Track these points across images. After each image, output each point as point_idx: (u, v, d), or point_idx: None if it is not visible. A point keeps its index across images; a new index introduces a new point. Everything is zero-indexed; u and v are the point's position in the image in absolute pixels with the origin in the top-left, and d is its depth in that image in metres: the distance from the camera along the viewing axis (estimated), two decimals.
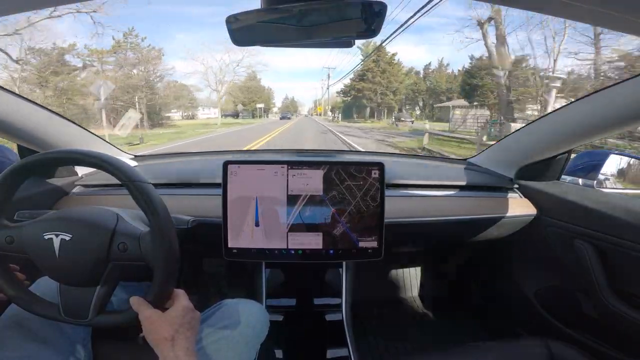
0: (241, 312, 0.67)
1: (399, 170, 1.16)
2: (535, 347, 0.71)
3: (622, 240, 0.76)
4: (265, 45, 0.58)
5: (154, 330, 0.48)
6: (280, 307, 0.92)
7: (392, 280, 1.49)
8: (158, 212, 0.49)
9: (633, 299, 0.78)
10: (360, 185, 0.81)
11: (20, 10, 0.49)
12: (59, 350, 0.59)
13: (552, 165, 0.98)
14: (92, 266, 0.51)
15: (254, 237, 0.81)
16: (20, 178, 0.53)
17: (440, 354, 0.76)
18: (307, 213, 0.81)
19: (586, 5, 0.39)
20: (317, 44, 0.57)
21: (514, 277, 1.15)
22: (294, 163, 0.81)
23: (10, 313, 0.61)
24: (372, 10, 0.46)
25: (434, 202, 0.98)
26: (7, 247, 0.51)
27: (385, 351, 1.19)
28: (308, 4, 0.46)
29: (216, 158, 1.31)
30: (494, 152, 1.16)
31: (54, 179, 0.93)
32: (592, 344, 0.88)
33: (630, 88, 0.66)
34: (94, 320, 0.52)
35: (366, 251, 0.83)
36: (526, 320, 1.11)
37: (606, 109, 0.73)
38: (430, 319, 1.36)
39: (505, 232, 1.04)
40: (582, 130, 0.81)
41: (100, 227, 0.51)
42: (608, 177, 1.12)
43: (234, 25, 0.50)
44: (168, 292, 0.52)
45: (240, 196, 0.80)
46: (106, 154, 0.52)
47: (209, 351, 0.58)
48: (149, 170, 1.09)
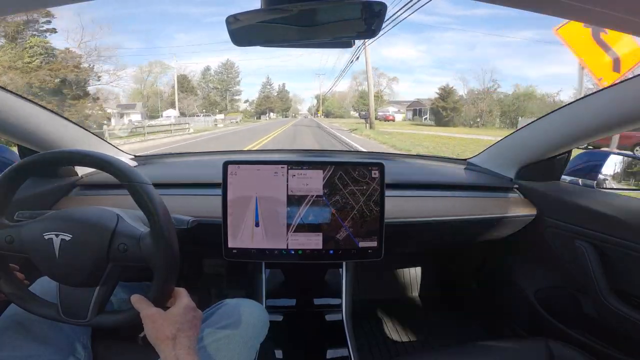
0: (241, 312, 0.67)
1: (399, 170, 1.16)
2: (535, 347, 0.71)
3: (622, 240, 0.76)
4: (265, 45, 0.58)
5: (155, 328, 0.48)
6: (280, 307, 0.92)
7: (392, 280, 1.49)
8: (158, 213, 0.49)
9: (633, 299, 0.78)
10: (364, 190, 0.81)
11: (20, 10, 0.49)
12: (58, 350, 0.59)
13: (552, 165, 0.98)
14: (92, 266, 0.51)
15: (253, 237, 0.81)
16: (20, 178, 0.53)
17: (440, 354, 0.76)
18: (307, 213, 0.81)
19: (586, 5, 0.39)
20: (317, 44, 0.57)
21: (514, 277, 1.14)
22: (294, 163, 0.81)
23: (10, 313, 0.61)
24: (372, 11, 0.46)
25: (434, 202, 0.98)
26: (7, 247, 0.51)
27: (385, 351, 1.19)
28: (308, 4, 0.46)
29: (216, 158, 1.31)
30: (494, 153, 1.16)
31: (54, 179, 0.93)
32: (592, 344, 0.88)
33: (630, 88, 0.67)
34: (94, 321, 0.52)
35: (366, 251, 0.83)
36: (526, 320, 1.11)
37: (606, 109, 0.73)
38: (430, 319, 1.36)
39: (505, 232, 1.04)
40: (582, 130, 0.82)
41: (100, 227, 0.51)
42: (608, 177, 1.12)
43: (233, 25, 0.50)
44: (169, 291, 0.52)
45: (240, 196, 0.80)
46: (106, 154, 0.52)
47: (209, 351, 0.58)
48: (149, 171, 1.09)
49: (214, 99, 45.60)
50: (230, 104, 46.99)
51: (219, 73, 48.10)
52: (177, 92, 36.86)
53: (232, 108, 45.55)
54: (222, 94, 46.88)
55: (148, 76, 37.76)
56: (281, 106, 56.70)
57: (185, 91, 39.42)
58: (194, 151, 1.78)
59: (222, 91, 47.05)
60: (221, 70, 48.29)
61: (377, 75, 47.34)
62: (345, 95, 56.24)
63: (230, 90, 47.69)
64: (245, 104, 53.09)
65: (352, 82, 53.34)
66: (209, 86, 46.71)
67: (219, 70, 48.31)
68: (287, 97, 59.32)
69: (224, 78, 47.67)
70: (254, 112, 52.91)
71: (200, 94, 44.57)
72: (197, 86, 44.46)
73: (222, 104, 45.66)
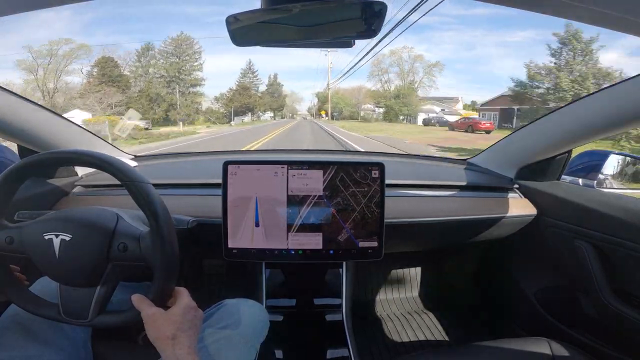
0: (242, 312, 0.67)
1: (399, 170, 1.16)
2: (535, 347, 0.71)
3: (622, 240, 0.76)
4: (265, 45, 0.59)
5: (156, 328, 0.48)
6: (281, 307, 0.92)
7: (392, 280, 1.49)
8: (158, 213, 0.49)
9: (633, 299, 0.78)
10: (365, 191, 0.81)
11: (20, 10, 0.49)
12: (59, 350, 0.59)
13: (552, 165, 0.98)
14: (92, 266, 0.51)
15: (254, 237, 0.81)
16: (20, 178, 0.53)
17: (441, 354, 0.76)
18: (307, 213, 0.81)
19: (586, 5, 0.39)
20: (317, 44, 0.58)
21: (514, 277, 1.15)
22: (294, 163, 0.81)
23: (10, 313, 0.61)
24: (372, 10, 0.46)
25: (434, 202, 0.98)
26: (7, 248, 0.51)
27: (385, 351, 1.19)
28: (308, 4, 0.46)
29: (216, 158, 1.31)
30: (494, 153, 1.16)
31: (54, 179, 0.93)
32: (592, 344, 0.88)
33: (630, 88, 0.66)
34: (94, 321, 0.52)
35: (366, 251, 0.83)
36: (526, 320, 1.11)
37: (606, 109, 0.73)
38: (430, 319, 1.36)
39: (505, 232, 1.04)
40: (582, 130, 0.82)
41: (100, 227, 0.51)
42: (608, 177, 1.12)
43: (233, 25, 0.50)
44: (169, 290, 0.52)
45: (240, 196, 0.80)
46: (106, 154, 0.52)
47: (210, 350, 0.58)
48: (149, 171, 1.09)
49: (154, 92, 27.95)
50: (185, 99, 29.57)
51: (166, 53, 29.91)
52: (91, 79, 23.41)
53: (187, 105, 29.25)
54: (168, 84, 29.43)
55: (49, 62, 21.60)
56: (271, 104, 39.98)
57: (111, 81, 24.77)
58: (194, 151, 1.78)
59: (169, 80, 29.46)
60: (170, 49, 29.95)
61: (409, 58, 32.90)
62: (356, 91, 38.73)
63: (182, 79, 29.84)
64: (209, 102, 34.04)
65: (373, 70, 35.24)
66: (150, 73, 29.21)
67: (167, 49, 29.95)
68: (280, 92, 42.13)
69: (174, 61, 29.96)
70: (225, 111, 34.92)
71: (137, 86, 28.01)
72: (132, 74, 28.23)
73: (167, 99, 28.46)
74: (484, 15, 58.02)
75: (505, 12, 56.52)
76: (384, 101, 33.06)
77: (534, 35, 51.56)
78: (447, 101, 31.25)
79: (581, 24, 0.44)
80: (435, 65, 33.68)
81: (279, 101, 41.95)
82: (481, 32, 56.83)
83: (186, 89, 30.38)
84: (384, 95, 33.81)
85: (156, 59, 29.87)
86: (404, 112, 30.41)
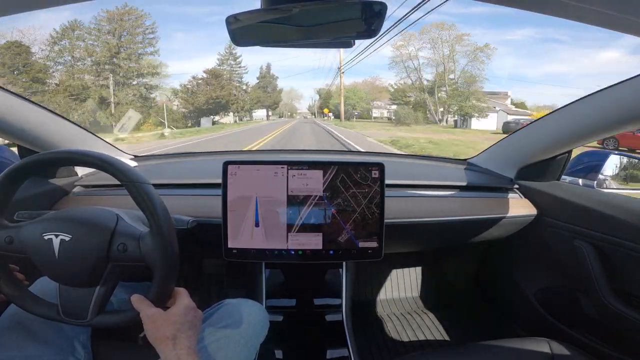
0: (242, 312, 0.67)
1: (399, 170, 1.16)
2: (535, 347, 0.71)
3: (622, 240, 0.76)
4: (265, 45, 0.59)
5: (156, 329, 0.48)
6: (280, 307, 0.92)
7: (392, 280, 1.49)
8: (158, 213, 0.49)
9: (633, 299, 0.78)
10: (365, 192, 0.81)
11: (20, 11, 0.49)
12: (58, 350, 0.59)
13: (552, 165, 0.98)
14: (92, 266, 0.51)
15: (253, 237, 0.81)
16: (20, 178, 0.53)
17: (440, 354, 0.76)
18: (307, 213, 0.81)
19: (586, 5, 0.39)
20: (317, 44, 0.57)
21: (514, 277, 1.15)
22: (294, 163, 0.81)
23: (10, 313, 0.61)
24: (372, 10, 0.46)
25: (434, 202, 0.98)
26: (6, 247, 0.51)
27: (385, 351, 1.19)
28: (308, 4, 0.46)
29: (216, 158, 1.31)
30: (494, 153, 1.16)
31: (54, 179, 0.93)
32: (592, 344, 0.88)
33: (630, 88, 0.66)
34: (94, 321, 0.52)
35: (366, 251, 0.83)
36: (526, 320, 1.11)
37: (606, 109, 0.73)
38: (430, 319, 1.36)
39: (505, 233, 1.04)
40: (582, 130, 0.82)
41: (100, 227, 0.51)
42: (608, 177, 1.12)
43: (233, 25, 0.50)
44: (169, 291, 0.52)
45: (240, 196, 0.80)
46: (106, 154, 0.52)
47: (210, 351, 0.58)
48: (149, 171, 1.09)
49: (77, 84, 19.73)
50: (126, 94, 20.97)
51: (99, 32, 21.19)
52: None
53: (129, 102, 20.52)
54: (98, 74, 20.89)
55: None
56: (262, 99, 31.65)
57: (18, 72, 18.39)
58: (194, 151, 1.78)
59: (100, 68, 20.73)
60: (104, 25, 21.20)
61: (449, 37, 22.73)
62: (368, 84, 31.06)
63: (120, 65, 20.95)
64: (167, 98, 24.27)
65: (394, 56, 25.05)
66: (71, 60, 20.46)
67: (100, 27, 21.20)
68: (275, 86, 33.73)
69: (110, 41, 20.96)
70: (193, 109, 25.94)
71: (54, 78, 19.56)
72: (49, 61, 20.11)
73: (100, 94, 20.27)
74: (483, 13, 58.09)
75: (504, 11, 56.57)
76: (416, 95, 23.85)
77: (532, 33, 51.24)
78: (495, 96, 23.90)
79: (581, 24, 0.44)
80: (484, 49, 23.05)
81: (273, 97, 33.48)
82: (480, 30, 57.00)
83: (126, 80, 21.22)
84: (417, 87, 24.39)
85: (84, 39, 20.87)
86: (464, 109, 21.23)
